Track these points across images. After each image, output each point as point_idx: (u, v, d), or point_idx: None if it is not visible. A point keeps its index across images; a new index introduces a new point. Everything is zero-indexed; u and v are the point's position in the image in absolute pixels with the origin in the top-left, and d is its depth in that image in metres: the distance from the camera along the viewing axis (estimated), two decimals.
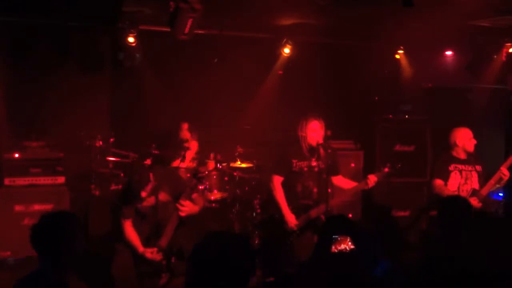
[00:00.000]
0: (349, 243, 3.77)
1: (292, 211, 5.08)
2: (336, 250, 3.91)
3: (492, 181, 5.30)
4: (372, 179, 5.04)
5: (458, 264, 2.68)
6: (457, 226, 3.60)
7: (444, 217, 3.74)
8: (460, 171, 5.46)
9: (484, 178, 5.43)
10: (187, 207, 4.51)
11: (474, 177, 5.46)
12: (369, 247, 3.41)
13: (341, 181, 5.36)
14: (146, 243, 4.56)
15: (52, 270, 2.66)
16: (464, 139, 5.45)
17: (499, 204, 6.15)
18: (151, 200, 4.55)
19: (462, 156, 5.49)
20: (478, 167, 5.48)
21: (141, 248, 4.52)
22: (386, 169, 5.12)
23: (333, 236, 3.91)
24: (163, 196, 4.60)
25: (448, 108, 7.37)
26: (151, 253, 4.50)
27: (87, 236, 5.63)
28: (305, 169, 5.17)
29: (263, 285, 5.02)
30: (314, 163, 5.18)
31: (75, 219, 2.81)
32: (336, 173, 5.33)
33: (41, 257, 2.69)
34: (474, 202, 5.24)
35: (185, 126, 6.61)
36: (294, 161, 5.15)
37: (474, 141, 5.46)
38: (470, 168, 5.48)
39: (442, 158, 5.58)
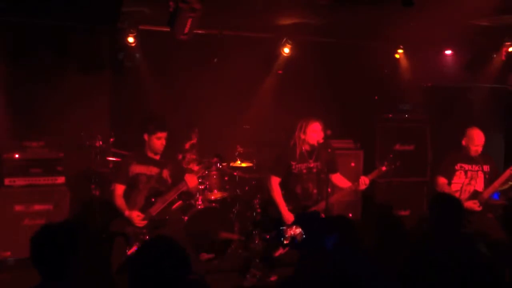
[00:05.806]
0: (296, 229, 4.78)
1: (292, 211, 5.09)
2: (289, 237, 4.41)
3: (496, 184, 5.24)
4: (364, 180, 5.04)
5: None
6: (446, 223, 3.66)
7: (434, 214, 3.80)
8: (466, 171, 5.41)
9: (491, 178, 5.34)
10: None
11: (480, 178, 5.39)
12: (315, 225, 3.60)
13: (338, 179, 5.39)
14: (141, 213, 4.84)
15: (53, 284, 2.54)
16: (469, 142, 5.39)
17: (499, 206, 6.12)
18: (151, 170, 4.93)
19: (470, 155, 5.40)
20: (486, 167, 5.40)
21: (127, 212, 4.78)
22: (384, 168, 5.12)
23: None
24: (165, 174, 5.02)
25: (448, 108, 7.37)
26: (138, 216, 4.75)
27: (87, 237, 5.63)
28: (304, 171, 5.19)
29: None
30: (312, 164, 5.20)
31: (76, 230, 2.65)
32: (334, 171, 5.37)
33: (41, 271, 2.54)
34: (475, 205, 5.22)
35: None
36: (293, 163, 5.16)
37: (480, 148, 5.37)
38: (476, 168, 5.41)
39: (450, 156, 5.54)
